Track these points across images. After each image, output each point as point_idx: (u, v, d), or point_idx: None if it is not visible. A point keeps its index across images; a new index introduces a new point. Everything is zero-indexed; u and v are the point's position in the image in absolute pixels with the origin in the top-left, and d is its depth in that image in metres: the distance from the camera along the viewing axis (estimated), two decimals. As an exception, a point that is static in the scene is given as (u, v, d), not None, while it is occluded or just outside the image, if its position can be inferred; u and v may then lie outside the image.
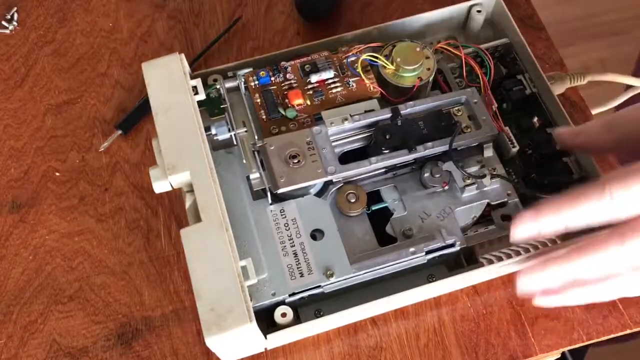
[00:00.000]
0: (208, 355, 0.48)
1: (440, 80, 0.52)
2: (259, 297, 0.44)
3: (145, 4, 0.64)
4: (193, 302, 0.50)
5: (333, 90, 0.51)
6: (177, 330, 0.49)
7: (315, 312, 0.46)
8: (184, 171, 0.44)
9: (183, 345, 0.49)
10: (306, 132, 0.48)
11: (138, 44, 0.62)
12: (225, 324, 0.40)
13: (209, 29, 0.63)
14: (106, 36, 0.63)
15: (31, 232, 0.53)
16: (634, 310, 0.48)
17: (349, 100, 0.50)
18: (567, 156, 0.49)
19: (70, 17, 0.64)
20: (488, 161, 0.48)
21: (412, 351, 0.48)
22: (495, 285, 0.49)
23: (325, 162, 0.47)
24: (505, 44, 0.54)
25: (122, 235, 0.53)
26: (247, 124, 0.50)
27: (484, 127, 0.48)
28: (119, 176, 0.56)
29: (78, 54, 0.62)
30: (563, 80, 0.55)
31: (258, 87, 0.51)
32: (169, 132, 0.46)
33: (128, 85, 0.60)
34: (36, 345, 0.49)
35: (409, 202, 0.48)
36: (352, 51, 0.52)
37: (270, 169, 0.47)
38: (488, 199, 0.48)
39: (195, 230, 0.43)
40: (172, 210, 0.54)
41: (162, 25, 0.63)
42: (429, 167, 0.48)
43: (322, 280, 0.45)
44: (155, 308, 0.50)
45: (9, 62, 0.61)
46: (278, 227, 0.46)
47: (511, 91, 0.52)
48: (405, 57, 0.50)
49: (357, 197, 0.47)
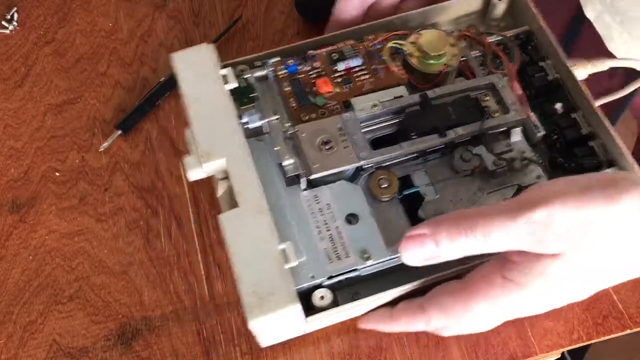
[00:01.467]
0: (208, 355, 0.48)
1: (464, 68, 0.53)
2: (298, 281, 0.44)
3: (145, 4, 0.64)
4: (193, 302, 0.50)
5: (360, 77, 0.51)
6: (177, 330, 0.49)
7: (352, 295, 0.46)
8: (219, 158, 0.45)
9: (183, 345, 0.49)
10: (337, 118, 0.49)
11: (138, 44, 0.62)
12: (268, 306, 0.40)
13: (209, 29, 0.63)
14: (106, 36, 0.63)
15: (31, 232, 0.53)
16: (634, 310, 0.48)
17: (376, 87, 0.51)
18: (592, 140, 0.50)
19: (70, 17, 0.64)
20: (516, 145, 0.49)
21: (412, 351, 0.48)
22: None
23: (357, 147, 0.47)
24: (526, 31, 0.54)
25: (122, 235, 0.53)
26: (278, 112, 0.50)
27: (512, 112, 0.49)
28: (119, 176, 0.56)
29: (78, 54, 0.62)
30: (584, 66, 0.55)
31: (286, 76, 0.51)
32: (202, 121, 0.47)
33: (128, 85, 0.60)
34: (36, 345, 0.49)
35: (440, 186, 0.48)
36: (378, 39, 0.52)
37: (303, 155, 0.47)
38: (518, 182, 0.48)
39: (234, 215, 0.43)
40: (172, 210, 0.54)
41: (162, 25, 0.63)
42: (460, 152, 0.48)
43: (359, 263, 0.45)
44: (155, 308, 0.50)
45: (8, 62, 0.61)
46: (313, 212, 0.47)
47: (534, 77, 0.52)
48: (431, 44, 0.50)
49: (389, 182, 0.48)
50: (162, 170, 0.56)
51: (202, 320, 0.50)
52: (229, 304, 0.50)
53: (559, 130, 0.50)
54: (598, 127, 0.50)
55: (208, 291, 0.51)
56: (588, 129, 0.50)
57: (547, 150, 0.51)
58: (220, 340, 0.49)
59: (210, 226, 0.53)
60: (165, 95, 0.59)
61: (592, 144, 0.50)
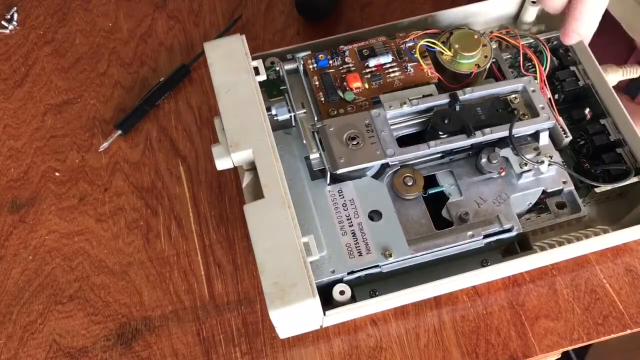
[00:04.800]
0: (208, 355, 0.48)
1: (494, 69, 0.53)
2: (319, 274, 0.45)
3: (145, 4, 0.64)
4: (193, 302, 0.50)
5: (391, 74, 0.52)
6: (176, 330, 0.49)
7: (370, 292, 0.46)
8: (246, 149, 0.45)
9: (183, 345, 0.49)
10: (365, 114, 0.49)
11: (138, 44, 0.62)
12: (289, 297, 0.41)
13: (209, 29, 0.63)
14: (106, 36, 0.63)
15: (31, 232, 0.53)
16: (634, 310, 0.48)
17: (406, 84, 0.51)
18: (620, 147, 0.50)
19: (70, 17, 0.64)
20: (544, 149, 0.49)
21: (412, 351, 0.48)
22: (495, 286, 0.49)
23: (384, 144, 0.47)
24: (558, 36, 0.54)
25: (122, 235, 0.53)
26: (306, 105, 0.50)
27: (541, 115, 0.49)
28: (119, 176, 0.56)
29: (78, 54, 0.62)
30: (616, 72, 0.55)
31: (317, 70, 0.52)
32: (232, 111, 0.47)
33: (128, 85, 0.60)
34: (36, 345, 0.49)
35: (465, 187, 0.48)
36: (410, 37, 0.53)
37: (330, 149, 0.47)
38: (544, 187, 0.48)
39: (258, 206, 0.44)
40: (171, 210, 0.54)
41: (162, 25, 0.63)
42: (486, 153, 0.48)
43: (381, 260, 0.45)
44: (154, 308, 0.50)
45: (8, 62, 0.61)
46: (336, 207, 0.47)
47: (564, 82, 0.52)
48: (463, 44, 0.50)
49: (414, 180, 0.48)
50: (162, 170, 0.56)
51: (202, 320, 0.50)
52: (229, 303, 0.50)
53: (587, 136, 0.50)
54: (627, 134, 0.50)
55: (208, 291, 0.51)
56: (617, 136, 0.50)
57: (573, 155, 0.51)
58: (220, 340, 0.49)
59: (210, 226, 0.53)
60: (165, 95, 0.59)
61: (619, 150, 0.50)
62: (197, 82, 0.60)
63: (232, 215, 0.53)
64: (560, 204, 0.49)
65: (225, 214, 0.54)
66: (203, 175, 0.55)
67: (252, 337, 0.49)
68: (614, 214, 0.51)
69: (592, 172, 0.49)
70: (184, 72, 0.60)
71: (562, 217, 0.48)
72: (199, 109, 0.59)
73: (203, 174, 0.55)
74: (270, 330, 0.49)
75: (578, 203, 0.48)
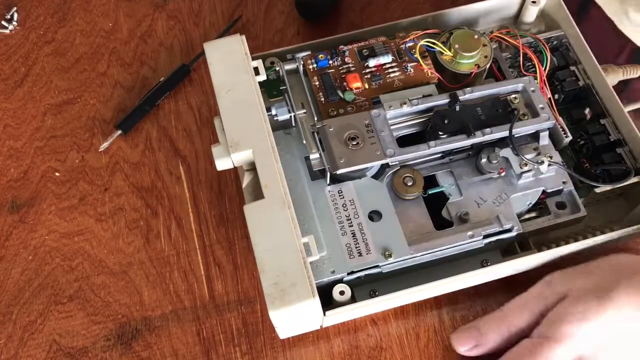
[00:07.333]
0: (208, 355, 0.48)
1: (494, 69, 0.53)
2: (319, 274, 0.45)
3: (145, 4, 0.64)
4: (193, 302, 0.50)
5: (391, 74, 0.52)
6: (176, 330, 0.49)
7: (370, 293, 0.47)
8: (246, 149, 0.46)
9: (183, 346, 0.49)
10: (365, 114, 0.49)
11: (138, 44, 0.62)
12: (288, 298, 0.41)
13: (209, 29, 0.63)
14: (106, 36, 0.63)
15: (31, 232, 0.53)
16: (635, 310, 0.48)
17: (406, 85, 0.51)
18: (620, 147, 0.50)
19: (70, 17, 0.64)
20: (544, 149, 0.49)
21: (412, 351, 0.48)
22: (495, 287, 0.49)
23: (384, 144, 0.47)
24: (558, 36, 0.54)
25: (122, 235, 0.53)
26: (306, 105, 0.50)
27: (541, 115, 0.49)
28: (119, 176, 0.56)
29: (78, 54, 0.62)
30: (616, 73, 0.55)
31: (316, 70, 0.52)
32: (232, 111, 0.47)
33: (128, 85, 0.60)
34: (36, 345, 0.49)
35: (465, 187, 0.48)
36: (410, 37, 0.53)
37: (330, 150, 0.47)
38: (544, 187, 0.48)
39: (258, 207, 0.44)
40: (171, 210, 0.54)
41: (162, 25, 0.63)
42: (486, 153, 0.48)
43: (381, 260, 0.45)
44: (154, 308, 0.50)
45: (8, 62, 0.61)
46: (336, 208, 0.47)
47: (564, 82, 0.52)
48: (463, 44, 0.50)
49: (413, 180, 0.48)
50: (162, 170, 0.56)
51: (202, 320, 0.50)
52: (229, 303, 0.50)
53: (587, 136, 0.50)
54: (628, 134, 0.50)
55: (208, 291, 0.51)
56: (617, 136, 0.50)
57: (573, 156, 0.51)
58: (220, 340, 0.49)
59: (210, 226, 0.53)
60: (165, 95, 0.59)
61: (619, 151, 0.50)
62: (197, 82, 0.60)
63: (232, 215, 0.53)
64: (560, 204, 0.49)
65: (225, 214, 0.54)
66: (203, 175, 0.55)
67: (252, 337, 0.49)
68: (614, 214, 0.51)
69: (592, 172, 0.49)
70: (184, 72, 0.60)
71: (562, 217, 0.48)
72: (199, 109, 0.59)
73: (203, 174, 0.55)
74: (270, 331, 0.49)
75: (578, 203, 0.48)
